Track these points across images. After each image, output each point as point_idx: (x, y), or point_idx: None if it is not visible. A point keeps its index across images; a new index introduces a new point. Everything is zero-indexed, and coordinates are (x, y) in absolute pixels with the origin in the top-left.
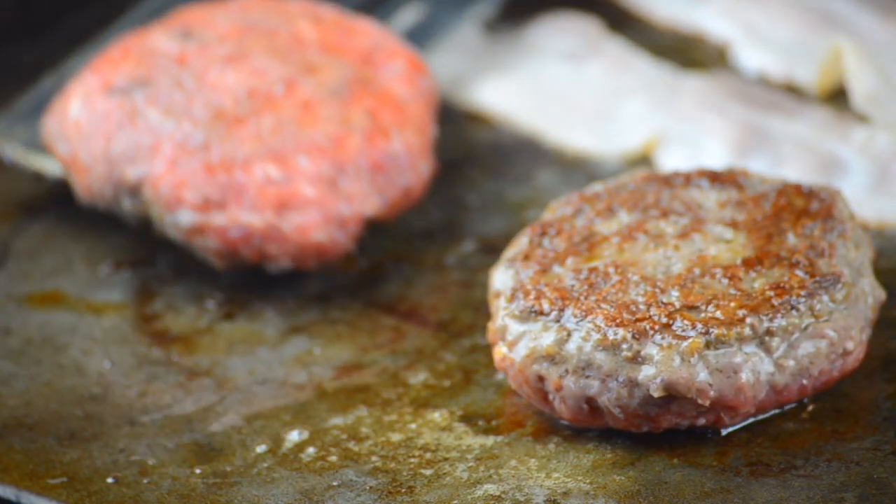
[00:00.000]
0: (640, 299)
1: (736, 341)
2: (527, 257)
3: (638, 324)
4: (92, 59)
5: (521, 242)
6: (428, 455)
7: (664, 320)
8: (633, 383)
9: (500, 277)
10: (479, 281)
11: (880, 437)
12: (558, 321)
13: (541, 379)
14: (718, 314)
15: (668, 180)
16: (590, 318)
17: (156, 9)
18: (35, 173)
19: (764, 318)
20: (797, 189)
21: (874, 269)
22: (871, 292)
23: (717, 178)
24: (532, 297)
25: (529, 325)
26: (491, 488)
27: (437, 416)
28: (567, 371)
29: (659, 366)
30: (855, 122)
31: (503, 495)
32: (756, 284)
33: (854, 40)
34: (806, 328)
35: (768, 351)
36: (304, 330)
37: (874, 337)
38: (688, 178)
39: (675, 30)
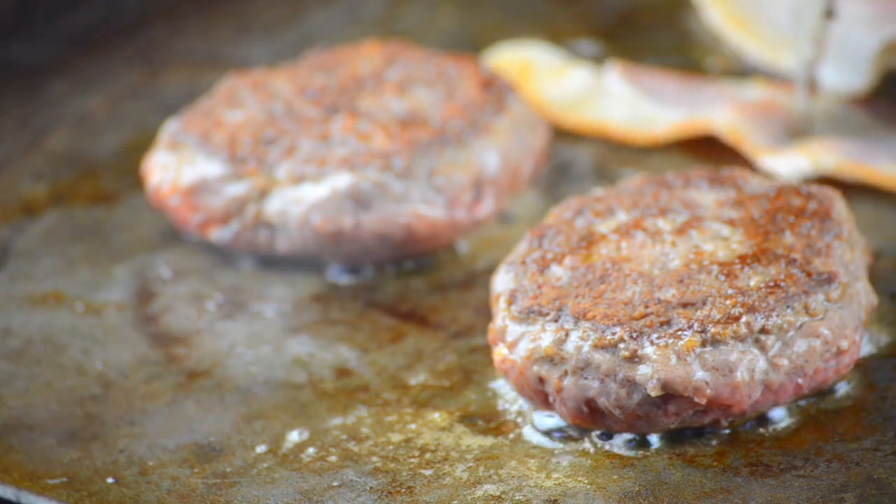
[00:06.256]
0: (637, 297)
1: (732, 339)
2: (526, 259)
3: (634, 322)
4: None
5: (521, 246)
6: (428, 455)
7: (661, 318)
8: (630, 383)
9: (501, 280)
10: (479, 282)
11: (880, 437)
12: (556, 321)
13: (541, 381)
14: (715, 312)
15: (667, 182)
16: (587, 317)
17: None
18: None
19: (759, 315)
20: (795, 190)
21: (871, 272)
22: (864, 295)
23: (715, 180)
24: (530, 297)
25: (529, 326)
26: (491, 488)
27: (437, 416)
28: (566, 372)
29: (655, 365)
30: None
31: (503, 495)
32: (752, 282)
33: None
34: (801, 326)
35: (763, 349)
36: (304, 330)
37: (874, 336)
38: (687, 180)
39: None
